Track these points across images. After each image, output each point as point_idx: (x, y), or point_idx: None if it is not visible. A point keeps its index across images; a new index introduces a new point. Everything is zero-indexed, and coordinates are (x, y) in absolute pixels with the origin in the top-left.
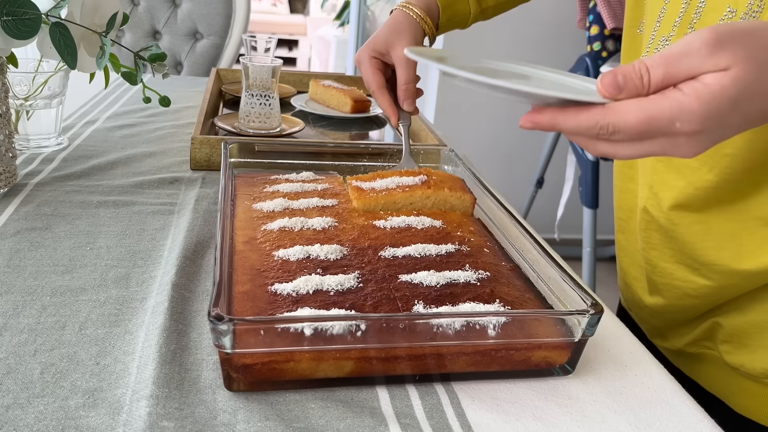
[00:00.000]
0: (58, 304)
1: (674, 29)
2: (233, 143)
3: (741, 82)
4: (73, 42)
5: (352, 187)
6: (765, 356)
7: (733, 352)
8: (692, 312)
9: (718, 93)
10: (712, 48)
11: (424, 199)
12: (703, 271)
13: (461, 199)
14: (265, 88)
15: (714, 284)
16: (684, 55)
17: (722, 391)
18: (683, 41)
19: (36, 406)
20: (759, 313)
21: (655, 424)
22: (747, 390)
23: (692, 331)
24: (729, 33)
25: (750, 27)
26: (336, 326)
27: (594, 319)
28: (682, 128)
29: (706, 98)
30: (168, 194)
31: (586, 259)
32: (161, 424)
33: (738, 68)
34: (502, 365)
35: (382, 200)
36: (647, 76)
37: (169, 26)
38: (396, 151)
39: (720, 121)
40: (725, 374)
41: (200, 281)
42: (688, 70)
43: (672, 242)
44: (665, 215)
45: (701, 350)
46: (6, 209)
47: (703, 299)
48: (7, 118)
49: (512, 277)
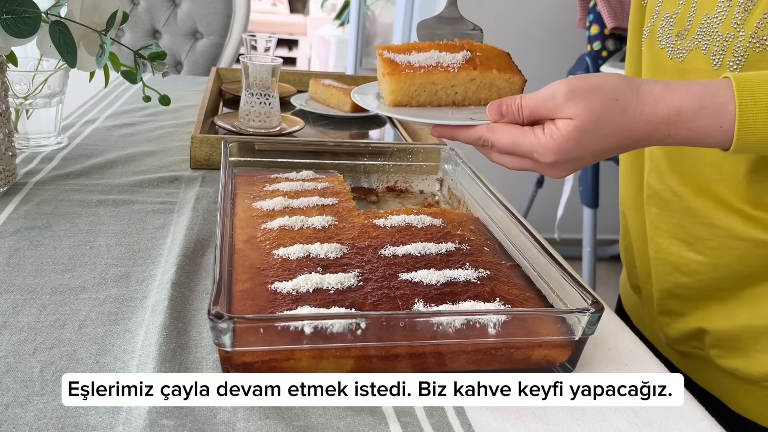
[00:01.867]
0: (57, 303)
1: (679, 6)
2: (233, 142)
3: (581, 128)
4: (72, 40)
5: (384, 58)
6: (760, 360)
7: (725, 356)
8: (678, 297)
9: (564, 137)
10: (565, 99)
11: (468, 82)
12: (697, 245)
13: (510, 81)
14: (265, 87)
15: (706, 260)
16: (546, 100)
17: (719, 391)
18: (546, 88)
19: (36, 404)
20: (748, 318)
21: (655, 422)
22: (745, 392)
23: (676, 330)
24: (580, 87)
25: (599, 83)
26: (336, 324)
27: (594, 317)
28: (539, 158)
29: (557, 139)
30: (168, 193)
31: (586, 258)
32: (161, 422)
33: (578, 119)
34: (502, 364)
35: (419, 79)
36: (521, 111)
37: (169, 25)
38: (396, 150)
39: (569, 156)
40: (719, 375)
41: (200, 280)
42: (546, 113)
43: (672, 215)
44: (667, 185)
45: (691, 350)
46: (6, 208)
47: (694, 276)
48: (6, 117)
49: (512, 276)
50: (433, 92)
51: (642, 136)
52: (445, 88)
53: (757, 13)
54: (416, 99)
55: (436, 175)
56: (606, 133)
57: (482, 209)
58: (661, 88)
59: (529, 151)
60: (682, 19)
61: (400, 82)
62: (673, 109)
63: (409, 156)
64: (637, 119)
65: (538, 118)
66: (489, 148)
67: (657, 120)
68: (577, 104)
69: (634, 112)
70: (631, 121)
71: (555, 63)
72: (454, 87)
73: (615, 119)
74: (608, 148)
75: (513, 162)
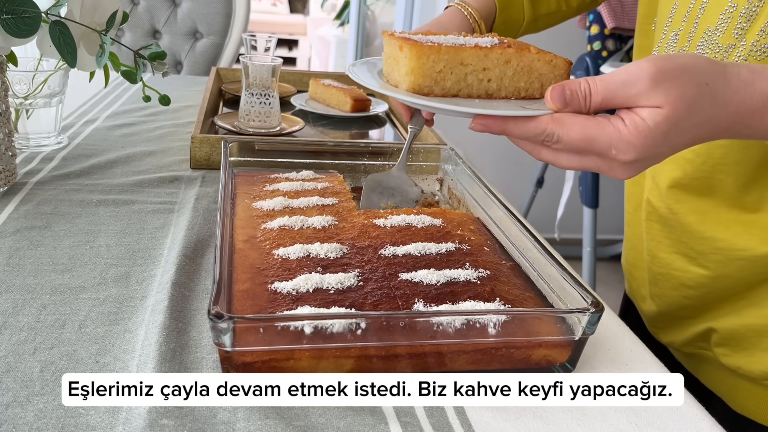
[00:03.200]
0: (57, 303)
1: (683, 24)
2: (233, 142)
3: (672, 119)
4: (72, 40)
5: (397, 37)
6: (763, 358)
7: (730, 354)
8: (689, 306)
9: (652, 128)
10: (650, 83)
11: (503, 64)
12: (699, 260)
13: (552, 64)
14: (265, 87)
15: (710, 273)
16: (623, 84)
17: (720, 390)
18: (624, 70)
19: (35, 404)
20: (754, 317)
21: (655, 422)
22: (746, 390)
23: (687, 332)
24: (668, 69)
25: (688, 63)
26: (336, 324)
27: (594, 317)
28: (617, 155)
29: (643, 132)
30: (168, 193)
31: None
32: (161, 422)
33: (670, 107)
34: (502, 364)
35: (446, 55)
36: (589, 99)
37: (169, 25)
38: (396, 150)
39: (652, 152)
40: (723, 374)
41: (200, 280)
42: (625, 100)
43: (671, 232)
44: (665, 203)
45: (697, 350)
46: (6, 208)
47: (699, 289)
48: (6, 117)
49: (512, 276)
50: (462, 76)
51: (726, 127)
52: (476, 71)
53: (759, 23)
54: (441, 84)
55: (436, 175)
56: (694, 124)
57: (482, 209)
58: (748, 73)
59: (607, 147)
60: (684, 36)
61: (422, 57)
62: (762, 96)
63: (409, 156)
64: (727, 108)
65: (613, 107)
66: (549, 145)
67: (744, 109)
68: (668, 90)
69: (724, 100)
70: (721, 111)
71: None
72: (486, 71)
73: (706, 108)
74: (691, 141)
75: (575, 161)
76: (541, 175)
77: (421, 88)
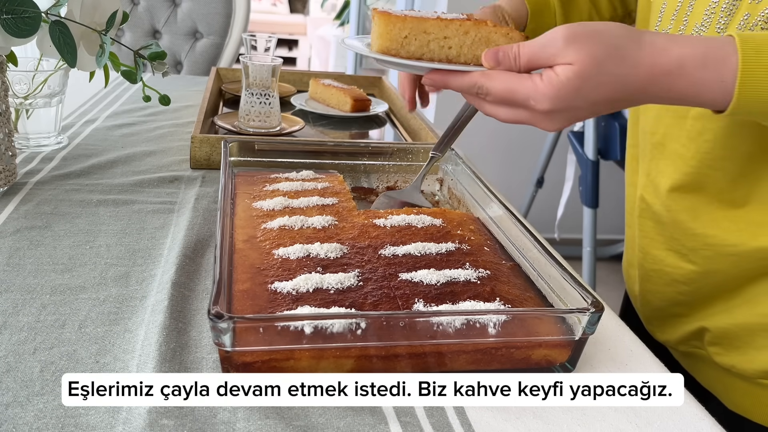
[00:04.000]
0: (57, 303)
1: (671, 22)
2: (233, 142)
3: (582, 75)
4: (72, 40)
5: (378, 12)
6: (756, 357)
7: (723, 353)
8: (682, 303)
9: (563, 82)
10: (564, 43)
11: (462, 34)
12: (690, 256)
13: (509, 37)
14: (265, 87)
15: (699, 269)
16: (543, 46)
17: (716, 389)
18: (545, 34)
19: (35, 404)
20: (746, 316)
21: (655, 422)
22: (740, 389)
23: (681, 331)
24: (580, 32)
25: (600, 28)
26: (336, 324)
27: (594, 317)
28: (535, 106)
29: (555, 85)
30: (168, 193)
31: (586, 258)
32: (161, 422)
33: (580, 64)
34: (502, 363)
35: (410, 24)
36: (518, 59)
37: (169, 25)
38: (396, 150)
39: (566, 104)
40: (718, 373)
41: (200, 280)
42: (545, 60)
43: (664, 229)
44: (661, 201)
45: (691, 349)
46: (6, 208)
47: (691, 284)
48: (6, 117)
49: (512, 276)
50: (425, 42)
51: (640, 87)
52: (438, 39)
53: (738, 16)
54: (406, 48)
55: (436, 175)
56: (605, 81)
57: (482, 209)
58: (664, 40)
59: (525, 99)
60: None
61: (389, 24)
62: (675, 59)
63: (409, 156)
64: (637, 69)
65: (537, 66)
66: (483, 97)
67: (657, 70)
68: (578, 50)
69: (635, 62)
70: (630, 71)
71: None
72: (447, 39)
73: (615, 68)
74: (606, 98)
75: (507, 113)
76: (541, 175)
77: (389, 49)
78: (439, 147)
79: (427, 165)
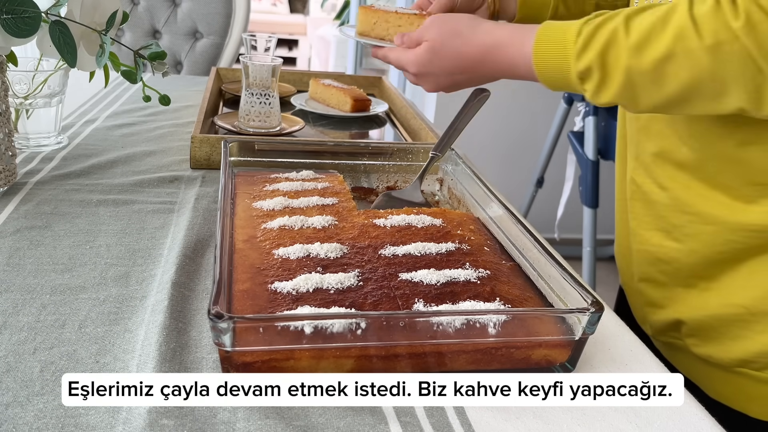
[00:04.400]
0: (57, 303)
1: None
2: (233, 142)
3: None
4: (72, 40)
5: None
6: (732, 347)
7: (701, 344)
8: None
9: (420, 54)
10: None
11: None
12: (674, 233)
13: None
14: (265, 87)
15: (682, 247)
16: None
17: (697, 378)
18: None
19: (35, 404)
20: (719, 307)
21: (655, 422)
22: (720, 378)
23: (660, 322)
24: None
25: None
26: (336, 324)
27: (594, 317)
28: (409, 69)
29: (416, 56)
30: (168, 193)
31: (586, 258)
32: (161, 422)
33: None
34: (502, 363)
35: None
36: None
37: (169, 25)
38: (396, 150)
39: (426, 70)
40: (697, 363)
41: (200, 279)
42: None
43: (652, 208)
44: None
45: (671, 340)
46: (6, 208)
47: (672, 264)
48: (6, 117)
49: (512, 276)
50: (386, 28)
51: (475, 60)
52: (395, 26)
53: None
54: (375, 31)
55: (436, 175)
56: (448, 55)
57: (482, 209)
58: (493, 25)
59: (405, 65)
60: None
61: (364, 14)
62: (495, 39)
63: (409, 156)
64: (470, 46)
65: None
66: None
67: (484, 48)
68: (432, 31)
69: (469, 40)
70: (466, 48)
71: None
72: (400, 27)
73: (454, 44)
74: (453, 67)
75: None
76: (541, 175)
77: (364, 31)
78: (439, 147)
79: (427, 165)
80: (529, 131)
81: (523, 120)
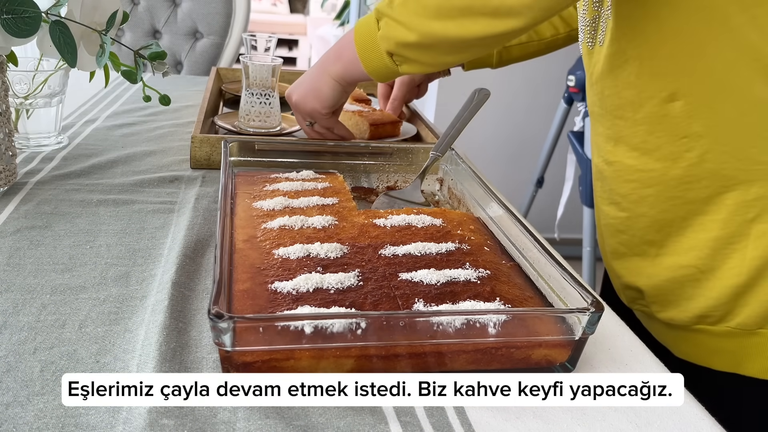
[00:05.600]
0: (57, 303)
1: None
2: (233, 142)
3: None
4: (73, 40)
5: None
6: (688, 306)
7: (662, 309)
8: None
9: None
10: None
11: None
12: (622, 204)
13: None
14: (265, 87)
15: (630, 215)
16: None
17: (666, 341)
18: None
19: (36, 404)
20: (672, 270)
21: (655, 422)
22: (682, 338)
23: (627, 292)
24: None
25: None
26: (336, 324)
27: (594, 317)
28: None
29: None
30: (168, 193)
31: (586, 258)
32: (161, 421)
33: None
34: (502, 363)
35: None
36: None
37: (169, 25)
38: (396, 150)
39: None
40: (663, 327)
41: (200, 279)
42: None
43: (605, 183)
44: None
45: (641, 308)
46: (6, 208)
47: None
48: (6, 117)
49: (512, 276)
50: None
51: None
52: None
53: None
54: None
55: (436, 175)
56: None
57: (482, 209)
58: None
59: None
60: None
61: None
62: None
63: (409, 156)
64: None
65: None
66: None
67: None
68: None
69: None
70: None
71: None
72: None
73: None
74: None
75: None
76: (541, 175)
77: None
78: (440, 147)
79: (428, 165)
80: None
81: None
